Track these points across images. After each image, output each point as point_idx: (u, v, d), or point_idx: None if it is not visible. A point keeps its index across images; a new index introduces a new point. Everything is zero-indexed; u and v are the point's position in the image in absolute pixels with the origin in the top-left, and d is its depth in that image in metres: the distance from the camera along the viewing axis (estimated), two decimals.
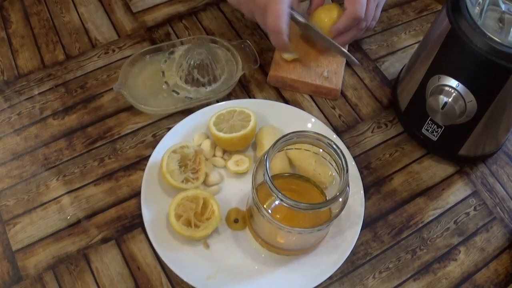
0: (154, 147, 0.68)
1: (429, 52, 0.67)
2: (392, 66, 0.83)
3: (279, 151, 0.59)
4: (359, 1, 0.70)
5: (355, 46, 0.85)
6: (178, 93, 0.75)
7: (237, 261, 0.62)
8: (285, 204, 0.54)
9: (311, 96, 0.78)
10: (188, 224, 0.61)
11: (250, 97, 0.77)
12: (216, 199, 0.63)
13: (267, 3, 0.68)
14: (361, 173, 0.69)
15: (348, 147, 0.72)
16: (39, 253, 0.63)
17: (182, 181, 0.65)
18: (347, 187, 0.56)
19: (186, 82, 0.75)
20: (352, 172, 0.67)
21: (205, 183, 0.67)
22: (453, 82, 0.64)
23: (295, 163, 0.66)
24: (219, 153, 0.69)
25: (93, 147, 0.71)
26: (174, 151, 0.65)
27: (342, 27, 0.72)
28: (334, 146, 0.57)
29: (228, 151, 0.70)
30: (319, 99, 0.78)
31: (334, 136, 0.71)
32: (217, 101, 0.75)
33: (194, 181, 0.65)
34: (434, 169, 0.73)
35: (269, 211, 0.57)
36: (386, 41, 0.86)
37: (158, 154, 0.67)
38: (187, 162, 0.66)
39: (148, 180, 0.66)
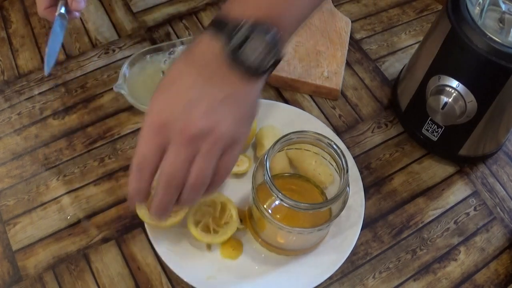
0: None
1: (429, 52, 0.67)
2: (392, 66, 0.83)
3: (279, 151, 0.59)
4: (139, 148, 0.47)
5: (356, 46, 0.85)
6: None
7: (237, 261, 0.62)
8: (285, 204, 0.54)
9: (311, 96, 0.78)
10: (207, 229, 0.61)
11: None
12: (233, 203, 0.63)
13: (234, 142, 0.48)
14: (361, 173, 0.69)
15: (348, 147, 0.72)
16: (39, 253, 0.63)
17: None
18: (347, 187, 0.56)
19: None
20: (352, 172, 0.67)
21: None
22: (453, 82, 0.64)
23: (295, 163, 0.66)
24: None
25: (93, 147, 0.71)
26: None
27: (161, 205, 0.49)
28: (334, 146, 0.57)
29: None
30: (319, 99, 0.78)
31: (334, 136, 0.71)
32: None
33: None
34: (434, 169, 0.73)
35: (269, 211, 0.57)
36: (386, 41, 0.86)
37: None
38: None
39: None
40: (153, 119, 0.46)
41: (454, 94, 0.64)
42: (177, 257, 0.61)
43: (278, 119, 0.72)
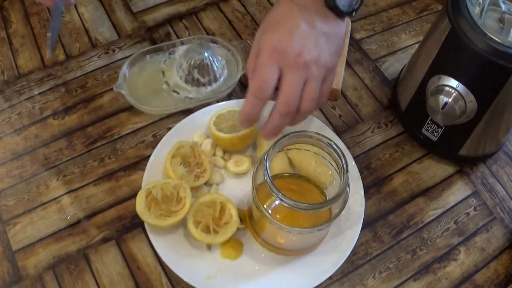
0: (154, 147, 0.68)
1: (429, 52, 0.67)
2: (392, 66, 0.83)
3: (279, 151, 0.59)
4: (259, 75, 0.55)
5: (356, 46, 0.85)
6: (178, 93, 0.75)
7: (237, 261, 0.62)
8: (285, 204, 0.54)
9: None
10: (207, 230, 0.61)
11: None
12: (233, 203, 0.63)
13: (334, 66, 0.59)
14: (361, 173, 0.69)
15: (348, 147, 0.72)
16: (39, 253, 0.63)
17: (194, 181, 0.65)
18: (347, 187, 0.56)
19: (186, 82, 0.75)
20: (352, 172, 0.67)
21: (206, 183, 0.67)
22: (453, 82, 0.64)
23: (295, 163, 0.66)
24: (219, 153, 0.69)
25: (93, 147, 0.71)
26: (173, 157, 0.65)
27: (243, 117, 0.57)
28: (334, 146, 0.57)
29: (228, 151, 0.70)
30: None
31: (334, 136, 0.71)
32: (217, 101, 0.75)
33: (203, 175, 0.66)
34: (434, 169, 0.73)
35: (269, 211, 0.57)
36: (386, 41, 0.86)
37: (158, 154, 0.67)
38: (189, 160, 0.66)
39: (148, 180, 0.66)
40: (273, 47, 0.55)
41: (454, 94, 0.64)
42: (177, 257, 0.61)
43: None
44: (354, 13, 0.59)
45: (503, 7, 0.62)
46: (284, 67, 0.55)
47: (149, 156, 0.68)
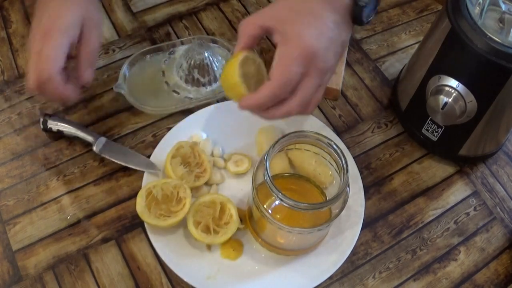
0: (154, 147, 0.68)
1: (429, 52, 0.67)
2: (392, 66, 0.83)
3: (279, 151, 0.59)
4: (287, 71, 0.54)
5: (356, 46, 0.85)
6: (178, 93, 0.75)
7: (237, 261, 0.62)
8: (285, 204, 0.54)
9: None
10: (207, 230, 0.61)
11: None
12: (233, 203, 0.63)
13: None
14: (361, 173, 0.69)
15: (348, 147, 0.72)
16: (39, 253, 0.63)
17: (194, 181, 0.65)
18: (347, 187, 0.56)
19: (186, 82, 0.75)
20: (352, 172, 0.67)
21: (206, 183, 0.67)
22: (453, 82, 0.64)
23: (295, 163, 0.66)
24: (217, 152, 0.69)
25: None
26: (173, 157, 0.65)
27: (254, 104, 0.55)
28: (334, 146, 0.57)
29: (226, 147, 0.70)
30: None
31: (334, 136, 0.71)
32: (217, 101, 0.75)
33: (203, 175, 0.66)
34: (434, 169, 0.73)
35: (269, 211, 0.57)
36: (386, 41, 0.86)
37: (158, 154, 0.67)
38: (189, 160, 0.66)
39: (148, 180, 0.66)
40: (304, 48, 0.54)
41: (454, 94, 0.64)
42: (177, 257, 0.61)
43: None
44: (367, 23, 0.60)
45: (503, 7, 0.62)
46: (309, 70, 0.54)
47: (149, 156, 0.68)
